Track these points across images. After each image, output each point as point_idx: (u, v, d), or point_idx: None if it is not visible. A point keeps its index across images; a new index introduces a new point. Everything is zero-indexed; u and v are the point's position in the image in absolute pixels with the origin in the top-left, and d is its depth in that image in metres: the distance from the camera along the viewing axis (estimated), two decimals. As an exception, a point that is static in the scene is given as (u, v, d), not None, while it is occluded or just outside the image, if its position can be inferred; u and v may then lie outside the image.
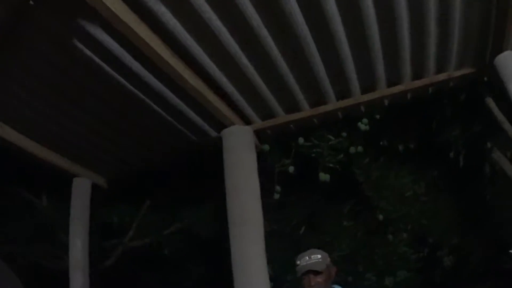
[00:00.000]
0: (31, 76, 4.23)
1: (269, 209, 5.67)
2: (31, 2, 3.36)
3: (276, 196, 7.12)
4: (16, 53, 3.90)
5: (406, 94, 5.50)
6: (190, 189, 8.22)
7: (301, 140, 6.91)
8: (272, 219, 7.44)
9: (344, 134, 7.14)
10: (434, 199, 9.56)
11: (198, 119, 5.27)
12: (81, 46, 3.86)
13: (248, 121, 5.46)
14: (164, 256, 9.85)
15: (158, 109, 4.94)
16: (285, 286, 7.91)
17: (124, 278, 9.83)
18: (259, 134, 5.64)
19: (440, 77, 5.32)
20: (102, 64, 4.11)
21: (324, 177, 7.06)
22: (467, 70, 5.29)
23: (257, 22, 3.96)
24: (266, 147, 6.24)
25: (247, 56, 4.41)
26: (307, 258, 3.77)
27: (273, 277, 4.98)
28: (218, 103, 4.87)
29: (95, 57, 4.01)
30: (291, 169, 7.00)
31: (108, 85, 4.40)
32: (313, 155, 7.10)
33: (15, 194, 8.52)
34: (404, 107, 6.26)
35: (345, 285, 3.87)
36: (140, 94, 4.64)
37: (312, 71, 4.78)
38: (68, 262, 5.89)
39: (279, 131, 5.79)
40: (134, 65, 4.15)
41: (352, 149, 7.31)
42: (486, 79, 5.52)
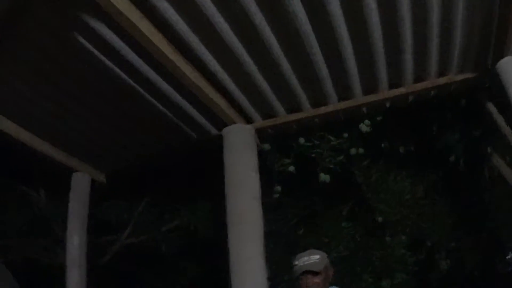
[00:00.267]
0: (31, 69, 4.21)
1: (268, 209, 5.66)
2: None
3: (276, 196, 7.13)
4: (15, 46, 3.88)
5: (408, 97, 5.50)
6: (189, 187, 8.23)
7: (302, 140, 6.91)
8: (271, 219, 7.44)
9: (345, 135, 7.14)
10: (433, 203, 9.59)
11: (199, 117, 5.25)
12: (82, 40, 3.83)
13: (249, 120, 5.44)
14: (161, 254, 9.86)
15: (159, 106, 4.93)
16: (282, 286, 7.92)
17: (120, 275, 9.84)
18: (260, 133, 5.61)
19: (442, 81, 5.31)
20: (103, 59, 4.09)
21: (324, 178, 7.07)
22: (469, 75, 5.28)
23: (260, 21, 3.94)
24: (267, 147, 6.23)
25: (250, 55, 4.39)
26: (305, 259, 3.77)
27: (270, 277, 4.97)
28: (220, 101, 4.86)
29: (96, 52, 3.99)
30: (292, 169, 7.01)
31: (109, 80, 4.39)
32: (313, 156, 7.11)
33: (13, 188, 8.52)
34: (405, 110, 6.25)
35: (343, 287, 3.88)
36: (141, 90, 4.62)
37: (315, 71, 4.77)
38: (64, 257, 5.86)
39: (280, 131, 5.78)
40: (135, 61, 4.14)
41: (353, 151, 7.31)
42: (487, 84, 5.56)
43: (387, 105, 5.59)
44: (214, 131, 5.53)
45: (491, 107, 7.50)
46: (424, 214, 9.53)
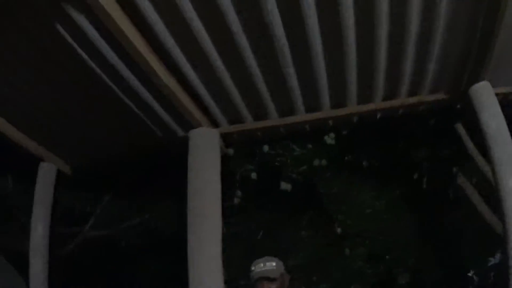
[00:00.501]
0: (10, 54, 4.19)
1: (230, 213, 5.74)
2: None
3: (237, 201, 7.19)
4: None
5: (376, 113, 5.60)
6: (154, 185, 8.25)
7: (266, 148, 6.97)
8: (231, 223, 7.51)
9: (310, 146, 7.23)
10: (394, 218, 9.69)
11: (168, 117, 5.32)
12: (62, 31, 3.84)
13: (216, 124, 5.51)
14: (121, 248, 9.86)
15: (129, 102, 4.98)
16: (238, 290, 7.97)
17: (81, 267, 9.81)
18: (226, 138, 5.69)
19: (412, 100, 5.38)
20: (78, 50, 4.09)
21: (286, 186, 7.16)
22: (441, 96, 5.36)
23: (237, 29, 4.03)
24: (231, 151, 6.29)
25: (223, 61, 4.46)
26: (262, 265, 3.89)
27: (227, 280, 5.06)
28: (189, 104, 4.92)
29: (75, 44, 4.01)
30: (254, 175, 7.07)
31: (84, 72, 4.40)
32: (277, 164, 7.18)
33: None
34: (373, 125, 6.35)
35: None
36: (114, 86, 4.66)
37: (285, 82, 4.86)
38: (27, 245, 5.87)
39: (246, 137, 5.85)
40: (111, 56, 4.16)
41: (316, 162, 7.41)
42: (459, 106, 5.59)
43: (354, 120, 5.70)
44: (181, 133, 5.58)
45: (460, 128, 7.61)
46: (385, 228, 9.63)
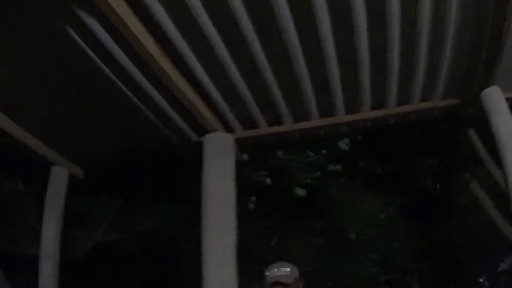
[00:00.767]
0: (16, 58, 4.16)
1: (242, 218, 5.69)
2: None
3: (251, 207, 7.14)
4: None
5: (389, 119, 5.58)
6: (167, 189, 8.20)
7: (280, 153, 6.94)
8: (244, 228, 7.46)
9: (324, 152, 7.19)
10: (408, 224, 9.63)
11: (181, 122, 5.30)
12: (72, 33, 3.81)
13: (230, 129, 5.49)
14: (132, 253, 9.80)
15: (142, 107, 4.95)
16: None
17: (90, 271, 9.77)
18: (240, 143, 5.66)
19: (425, 105, 5.39)
20: (91, 54, 4.07)
21: (300, 192, 7.11)
22: (452, 101, 5.36)
23: (250, 33, 4.01)
24: (245, 157, 6.26)
25: (237, 66, 4.46)
26: (276, 270, 3.85)
27: (241, 285, 5.01)
28: (203, 108, 4.91)
29: (85, 46, 3.97)
30: (268, 181, 7.03)
31: (94, 76, 4.38)
32: (291, 169, 7.14)
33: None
34: (387, 131, 6.31)
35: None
36: (127, 90, 4.64)
37: (299, 87, 4.84)
38: (37, 249, 5.85)
39: (260, 142, 5.84)
40: (123, 59, 4.13)
41: (330, 167, 7.36)
42: (471, 112, 5.57)
43: (368, 126, 5.67)
44: (195, 137, 5.57)
45: (472, 134, 7.55)
46: (399, 234, 9.57)
